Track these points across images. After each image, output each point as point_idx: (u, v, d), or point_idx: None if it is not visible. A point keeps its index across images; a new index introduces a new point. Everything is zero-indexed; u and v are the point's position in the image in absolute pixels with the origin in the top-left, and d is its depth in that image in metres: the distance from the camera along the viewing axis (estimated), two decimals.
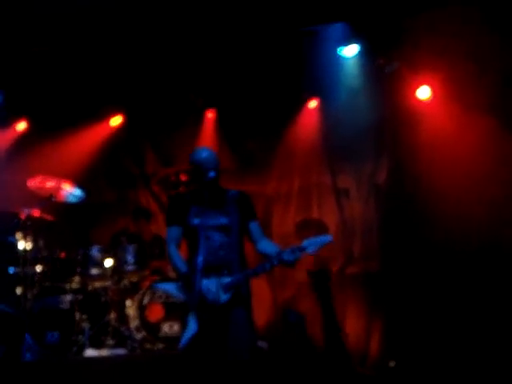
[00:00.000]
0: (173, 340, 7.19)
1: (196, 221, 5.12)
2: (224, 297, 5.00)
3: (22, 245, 7.68)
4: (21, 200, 7.88)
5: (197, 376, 4.99)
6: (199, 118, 9.29)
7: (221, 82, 8.62)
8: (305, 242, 4.95)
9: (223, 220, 5.15)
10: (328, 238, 5.03)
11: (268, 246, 5.18)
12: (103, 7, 7.05)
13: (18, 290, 7.60)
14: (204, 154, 5.23)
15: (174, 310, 7.33)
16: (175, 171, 8.32)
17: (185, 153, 8.93)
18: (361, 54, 8.07)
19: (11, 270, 7.69)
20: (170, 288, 5.30)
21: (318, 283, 8.21)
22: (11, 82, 8.77)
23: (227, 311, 5.01)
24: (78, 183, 8.23)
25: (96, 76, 8.60)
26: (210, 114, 9.31)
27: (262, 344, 7.49)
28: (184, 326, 5.02)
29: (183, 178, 8.27)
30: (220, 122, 9.26)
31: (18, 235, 7.67)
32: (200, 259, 4.99)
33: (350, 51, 8.06)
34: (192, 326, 4.95)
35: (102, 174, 9.39)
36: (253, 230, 5.26)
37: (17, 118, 9.32)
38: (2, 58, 8.23)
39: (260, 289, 7.53)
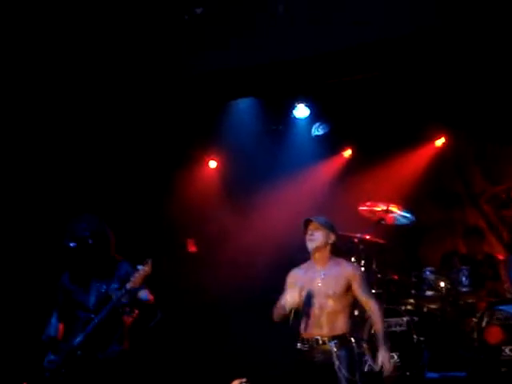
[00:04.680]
0: None
1: None
2: None
3: None
4: (353, 224, 8.14)
5: None
6: None
7: None
8: None
9: None
10: None
11: None
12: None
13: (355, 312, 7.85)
14: None
15: None
16: (505, 189, 8.05)
17: None
18: None
19: None
20: None
21: None
22: (336, 112, 9.21)
23: None
24: (405, 205, 8.34)
25: (417, 98, 8.66)
26: None
27: None
28: None
29: None
30: None
31: (353, 259, 7.95)
32: None
33: None
34: None
35: (429, 195, 9.33)
36: None
37: (343, 145, 9.72)
38: (327, 91, 8.67)
39: None
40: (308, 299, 5.62)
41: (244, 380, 4.41)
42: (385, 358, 5.43)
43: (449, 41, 7.25)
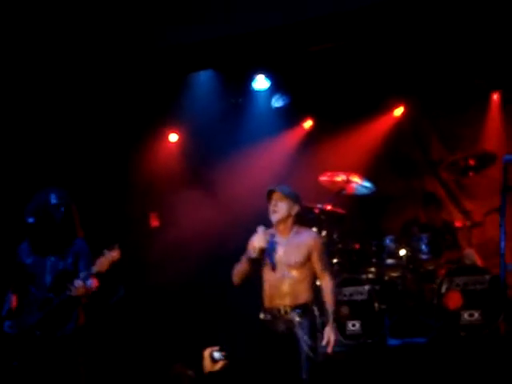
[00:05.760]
0: (474, 328, 7.11)
1: None
2: None
3: None
4: (313, 195, 8.20)
5: None
6: (484, 101, 9.01)
7: (506, 63, 8.27)
8: None
9: None
10: None
11: None
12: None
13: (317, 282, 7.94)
14: None
15: (473, 298, 7.21)
16: (463, 156, 8.17)
17: (471, 137, 8.92)
18: None
19: None
20: None
21: None
22: (296, 83, 9.22)
23: None
24: (365, 175, 8.42)
25: (376, 68, 8.70)
26: (496, 96, 8.99)
27: None
28: None
29: (472, 162, 8.12)
30: (506, 103, 8.91)
31: (314, 229, 8.00)
32: None
33: None
34: None
35: (388, 164, 9.40)
36: None
37: (303, 116, 9.74)
38: (286, 63, 8.67)
39: None
40: (270, 269, 5.68)
41: (216, 348, 4.44)
42: (330, 334, 5.50)
43: (406, 13, 7.30)
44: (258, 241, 5.55)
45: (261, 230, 5.58)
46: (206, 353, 4.42)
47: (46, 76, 7.86)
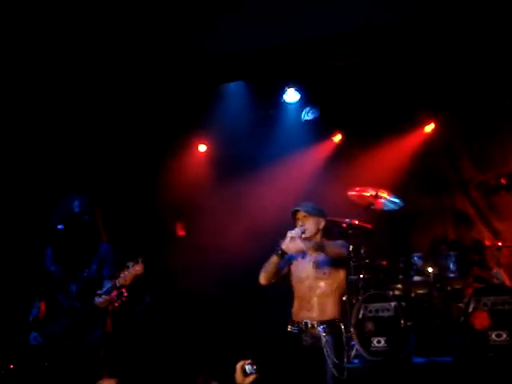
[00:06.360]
0: (502, 349, 7.01)
1: None
2: None
3: None
4: (341, 209, 8.15)
5: None
6: None
7: None
8: None
9: None
10: None
11: None
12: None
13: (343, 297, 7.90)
14: None
15: (501, 318, 7.11)
16: (495, 175, 8.11)
17: (502, 156, 8.83)
18: None
19: None
20: None
21: None
22: (326, 97, 9.21)
23: None
24: (394, 191, 8.36)
25: (407, 84, 8.66)
26: None
27: None
28: None
29: (503, 181, 8.04)
30: None
31: None
32: None
33: None
34: None
35: (418, 180, 9.30)
36: None
37: (333, 130, 9.71)
38: (316, 76, 8.66)
39: None
40: (299, 281, 5.69)
41: (248, 361, 4.42)
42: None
43: (438, 27, 7.30)
44: (291, 232, 5.56)
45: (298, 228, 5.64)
46: (238, 365, 4.40)
47: (78, 85, 7.95)
